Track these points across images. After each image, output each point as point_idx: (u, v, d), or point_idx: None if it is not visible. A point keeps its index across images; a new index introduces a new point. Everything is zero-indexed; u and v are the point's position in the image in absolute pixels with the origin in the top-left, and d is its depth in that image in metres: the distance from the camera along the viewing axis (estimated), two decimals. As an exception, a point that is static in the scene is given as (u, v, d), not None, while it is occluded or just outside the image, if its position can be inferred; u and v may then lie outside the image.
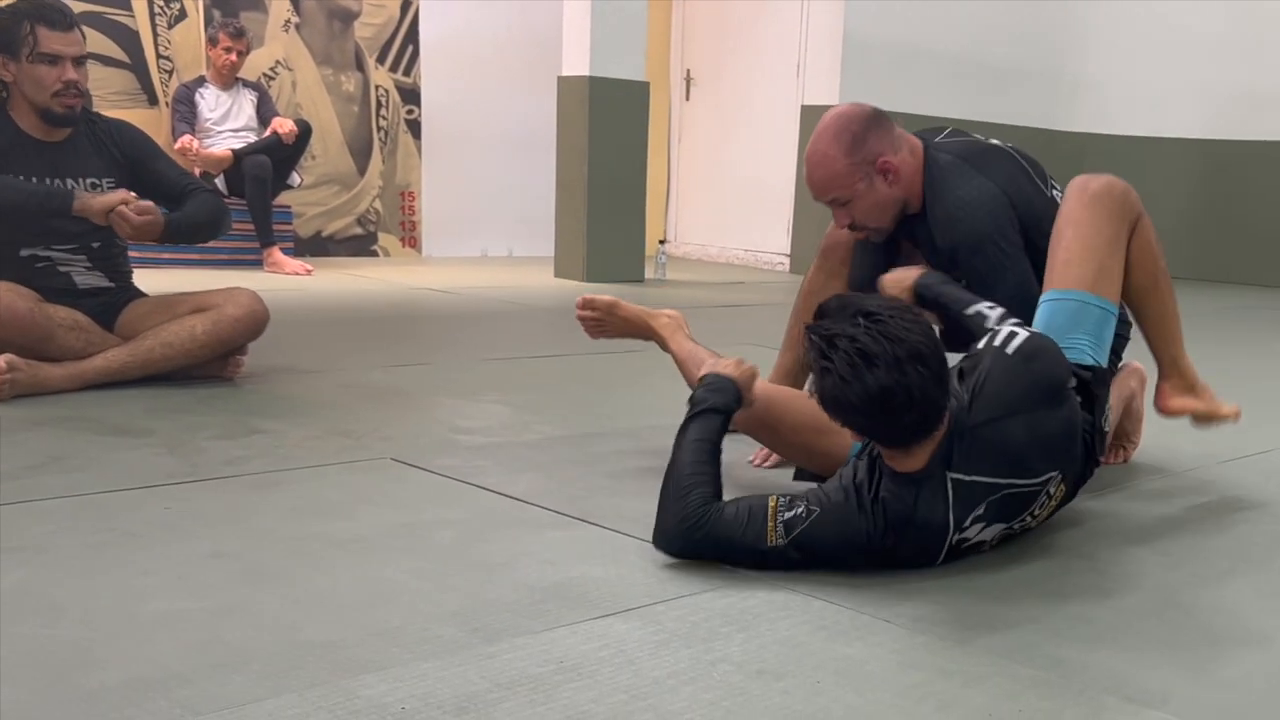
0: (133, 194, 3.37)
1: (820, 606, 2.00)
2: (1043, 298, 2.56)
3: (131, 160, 3.55)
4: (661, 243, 7.85)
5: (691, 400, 2.35)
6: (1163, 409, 2.87)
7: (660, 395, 3.72)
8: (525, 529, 2.35)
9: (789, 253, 8.73)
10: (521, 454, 2.94)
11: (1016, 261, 2.72)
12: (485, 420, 3.34)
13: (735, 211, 9.18)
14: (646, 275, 7.43)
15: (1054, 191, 2.84)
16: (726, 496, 2.20)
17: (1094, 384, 2.46)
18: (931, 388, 2.04)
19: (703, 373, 2.44)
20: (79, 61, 3.41)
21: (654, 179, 8.92)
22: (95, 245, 3.47)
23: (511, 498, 2.55)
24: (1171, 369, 2.85)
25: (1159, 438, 3.27)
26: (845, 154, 2.76)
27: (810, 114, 8.24)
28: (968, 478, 2.14)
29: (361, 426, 3.14)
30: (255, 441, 2.93)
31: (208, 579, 2.00)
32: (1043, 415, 2.23)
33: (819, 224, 7.40)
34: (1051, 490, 2.29)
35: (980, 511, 2.17)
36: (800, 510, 2.12)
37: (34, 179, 3.37)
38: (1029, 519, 2.30)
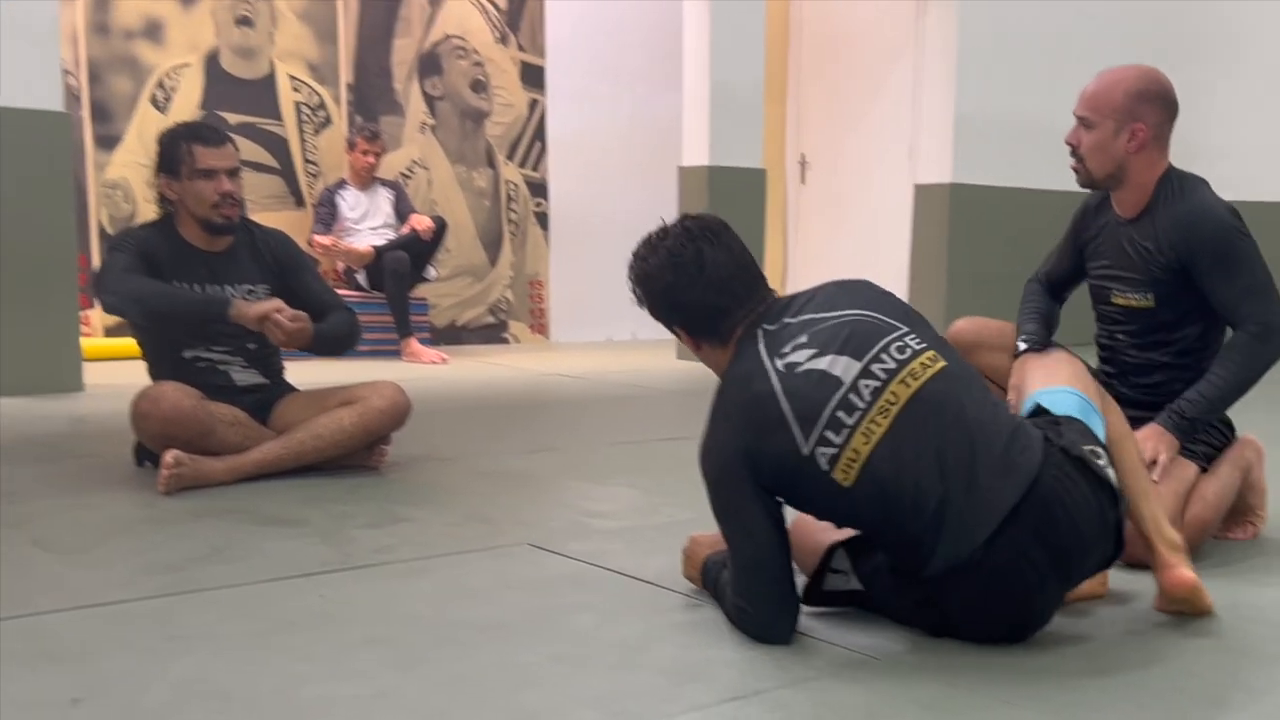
0: (283, 304, 3.50)
1: (942, 691, 1.99)
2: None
3: (283, 269, 3.70)
4: (780, 323, 7.86)
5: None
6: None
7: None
8: (658, 612, 2.38)
9: (904, 330, 8.67)
10: (651, 537, 2.97)
11: (1259, 255, 2.86)
12: (615, 504, 3.38)
13: (851, 291, 9.15)
14: (767, 355, 7.44)
15: None
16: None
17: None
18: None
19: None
20: (233, 173, 3.57)
21: (770, 261, 8.96)
22: (251, 347, 3.61)
23: (644, 581, 2.58)
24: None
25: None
26: (1128, 95, 2.90)
27: (924, 194, 8.24)
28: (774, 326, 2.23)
29: (499, 512, 3.20)
30: (401, 529, 3.01)
31: (360, 665, 2.06)
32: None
33: (935, 302, 7.38)
34: (910, 343, 2.21)
35: (803, 340, 2.19)
36: None
37: (196, 286, 3.53)
38: (889, 360, 2.17)
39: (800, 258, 9.64)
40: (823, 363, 2.16)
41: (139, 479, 3.47)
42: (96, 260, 6.63)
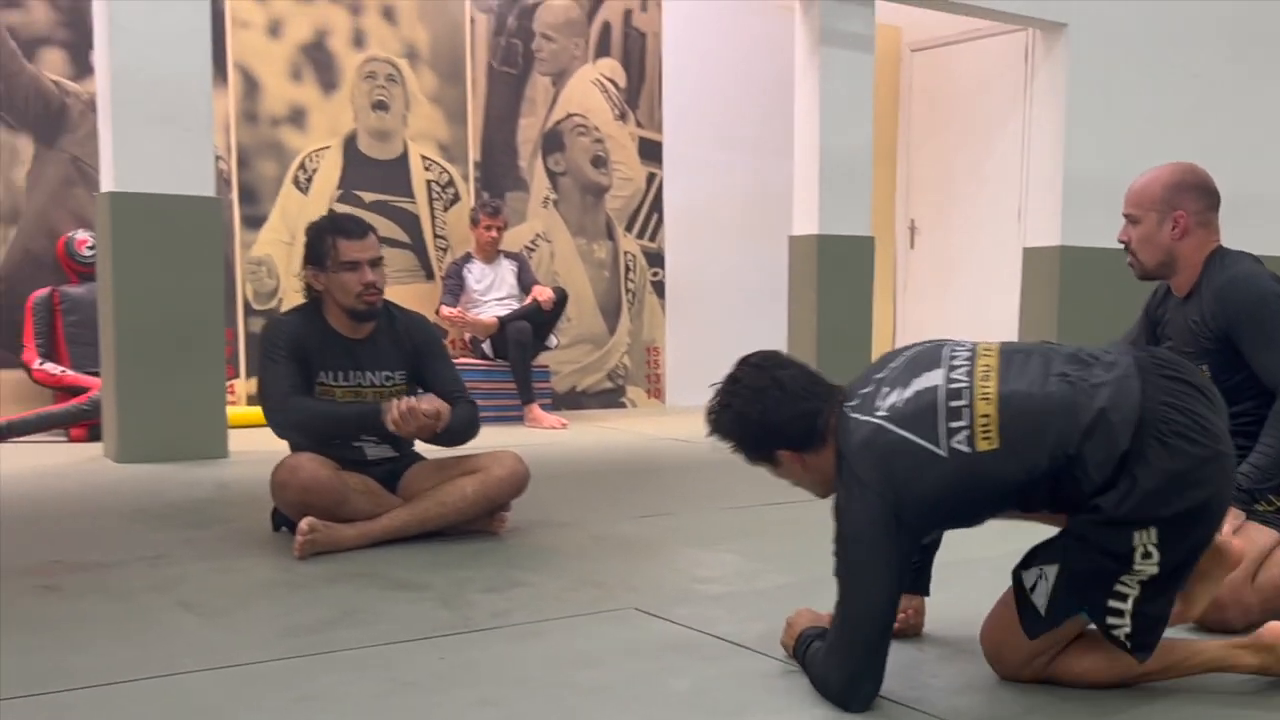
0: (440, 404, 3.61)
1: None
2: None
3: (419, 355, 3.84)
4: (890, 386, 7.88)
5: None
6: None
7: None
8: (754, 677, 2.45)
9: (1015, 390, 8.62)
10: (752, 603, 3.05)
11: None
12: (721, 569, 3.46)
13: (961, 352, 9.13)
14: (876, 418, 7.46)
15: None
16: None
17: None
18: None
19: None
20: (375, 263, 3.71)
21: (880, 324, 8.99)
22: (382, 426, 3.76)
23: (742, 646, 2.66)
24: None
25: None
26: (1166, 188, 3.09)
27: (1033, 256, 8.21)
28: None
29: (610, 577, 3.30)
30: (517, 594, 3.12)
31: (474, 726, 2.17)
32: None
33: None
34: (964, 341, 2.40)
35: (885, 390, 2.35)
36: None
37: (340, 373, 3.70)
38: (960, 352, 2.36)
39: (909, 322, 9.64)
40: (910, 389, 2.30)
41: (277, 543, 3.65)
42: (242, 332, 6.93)
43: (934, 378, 2.29)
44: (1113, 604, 2.25)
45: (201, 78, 5.41)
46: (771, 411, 2.42)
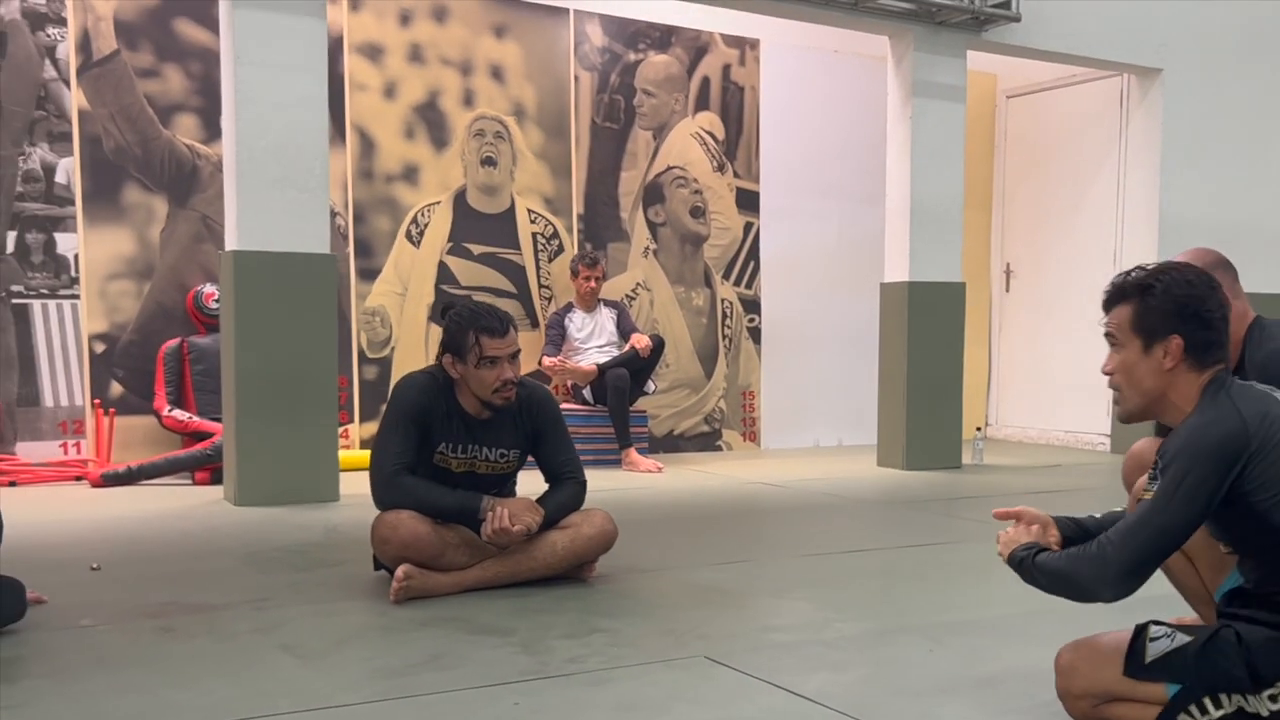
0: (525, 518, 3.70)
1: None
2: None
3: (536, 434, 3.92)
4: (978, 429, 7.85)
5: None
6: None
7: (958, 590, 3.83)
8: (808, 728, 2.52)
9: (1109, 433, 8.52)
10: (818, 652, 3.11)
11: None
12: (792, 618, 3.52)
13: (1055, 394, 9.05)
14: (964, 461, 7.44)
15: None
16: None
17: None
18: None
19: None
20: (514, 357, 3.78)
21: (975, 367, 8.95)
22: (494, 492, 3.88)
23: (802, 697, 2.72)
24: None
25: None
26: None
27: (1126, 301, 8.10)
28: None
29: (684, 625, 3.38)
30: (594, 640, 3.22)
31: (537, 772, 2.27)
32: None
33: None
34: None
35: None
36: None
37: (457, 446, 3.81)
38: None
39: (1004, 364, 9.57)
40: None
41: (375, 586, 3.80)
42: (357, 379, 7.17)
43: None
44: (1206, 702, 2.28)
45: (318, 143, 5.65)
46: (1211, 308, 2.37)
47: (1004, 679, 2.88)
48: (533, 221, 7.80)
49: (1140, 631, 2.37)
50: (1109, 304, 2.45)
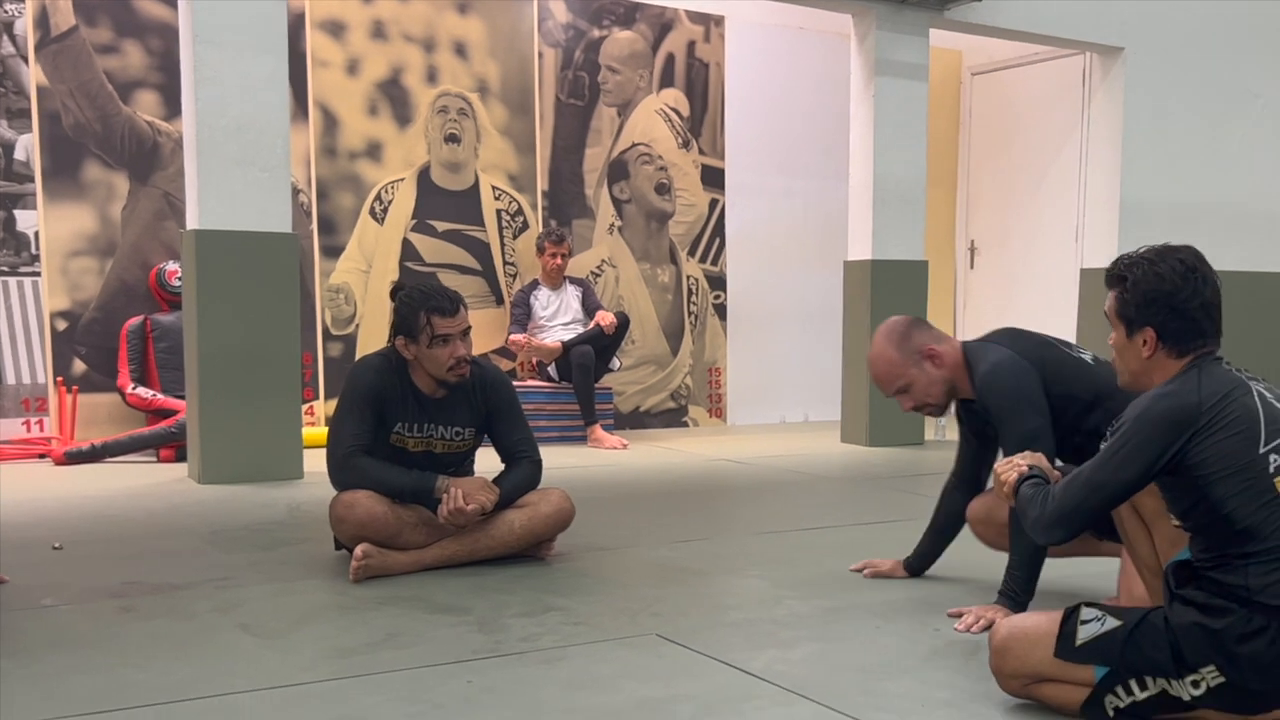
0: (480, 496, 3.77)
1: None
2: None
3: (490, 414, 3.98)
4: (942, 406, 7.96)
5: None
6: None
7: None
8: (753, 704, 2.59)
9: (1072, 408, 8.64)
10: (769, 630, 3.19)
11: (1030, 414, 3.22)
12: (745, 595, 3.60)
13: (1020, 370, 9.14)
14: (928, 437, 7.55)
15: (1081, 354, 3.40)
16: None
17: None
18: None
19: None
20: (465, 334, 3.84)
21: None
22: (450, 471, 3.95)
23: (748, 673, 2.80)
24: None
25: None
26: (897, 349, 3.43)
27: (1089, 277, 8.23)
28: None
29: (638, 603, 3.46)
30: (549, 619, 3.29)
31: (487, 748, 2.34)
32: None
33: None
34: None
35: (1266, 384, 2.45)
36: None
37: (414, 425, 3.87)
38: None
39: (969, 337, 9.66)
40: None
41: (335, 566, 3.86)
42: (321, 356, 7.21)
43: None
44: (1132, 684, 2.38)
45: (280, 121, 5.67)
46: (1181, 297, 2.45)
47: (948, 655, 2.96)
48: (497, 198, 7.83)
49: (1071, 614, 2.47)
50: (1106, 285, 2.61)
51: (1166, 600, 2.45)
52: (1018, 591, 3.17)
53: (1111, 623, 2.42)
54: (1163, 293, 2.45)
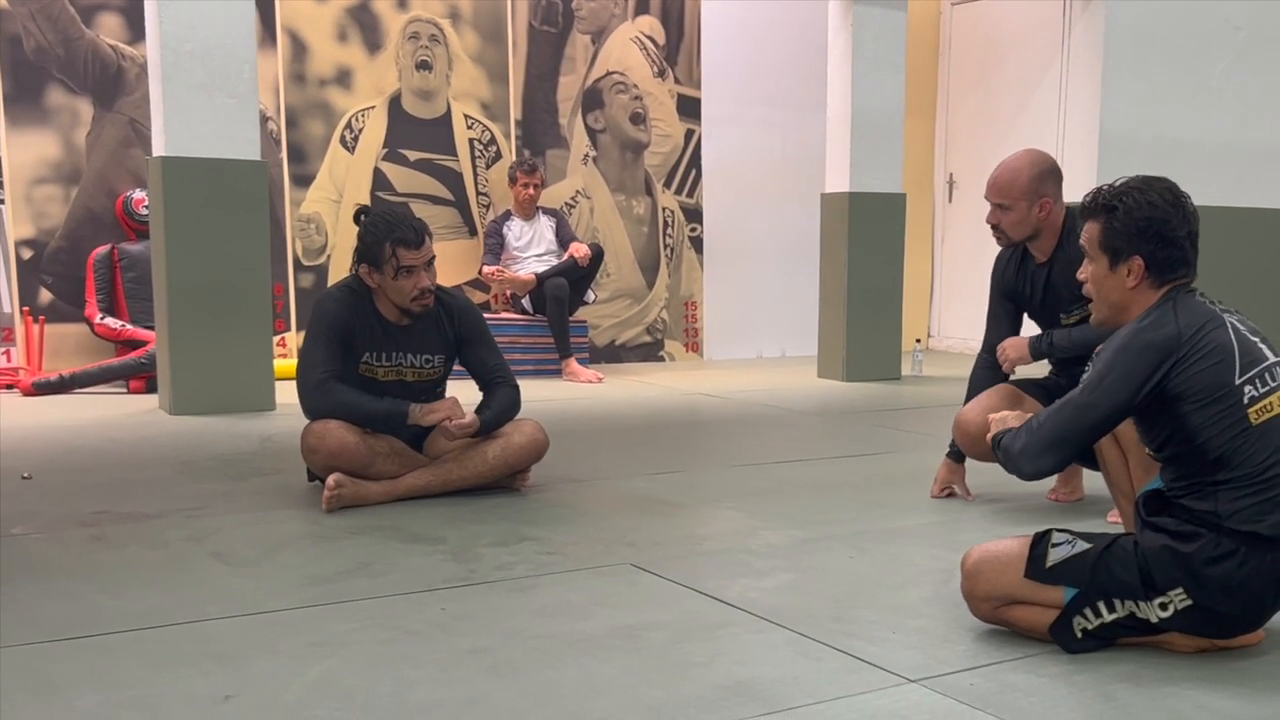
0: (457, 411, 3.81)
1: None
2: None
3: (461, 342, 4.00)
4: (918, 341, 8.01)
5: None
6: None
7: (886, 499, 3.97)
8: (726, 632, 2.64)
9: (1049, 343, 8.70)
10: (743, 560, 3.23)
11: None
12: (720, 526, 3.65)
13: (996, 305, 9.20)
14: (904, 372, 7.60)
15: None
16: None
17: None
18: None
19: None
20: (429, 264, 3.84)
21: (917, 278, 9.09)
22: (422, 398, 3.95)
23: (723, 602, 2.85)
24: None
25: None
26: (1031, 179, 3.72)
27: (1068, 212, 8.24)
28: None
29: (612, 534, 3.50)
30: (523, 548, 3.33)
31: (461, 673, 2.38)
32: None
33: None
34: None
35: (1239, 316, 2.53)
36: None
37: (382, 355, 3.88)
38: None
39: (946, 275, 9.71)
40: (1254, 339, 2.47)
41: (309, 496, 3.88)
42: (293, 287, 7.18)
43: (1269, 353, 2.46)
44: (1101, 606, 2.45)
45: (247, 46, 5.61)
46: (1170, 226, 2.49)
47: (918, 583, 3.02)
48: (469, 127, 7.78)
49: (1042, 537, 2.53)
50: (1082, 217, 2.61)
51: (1138, 527, 2.51)
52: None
53: (1082, 545, 2.49)
54: (1156, 219, 2.49)
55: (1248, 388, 2.39)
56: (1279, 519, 2.36)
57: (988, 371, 4.02)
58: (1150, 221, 2.49)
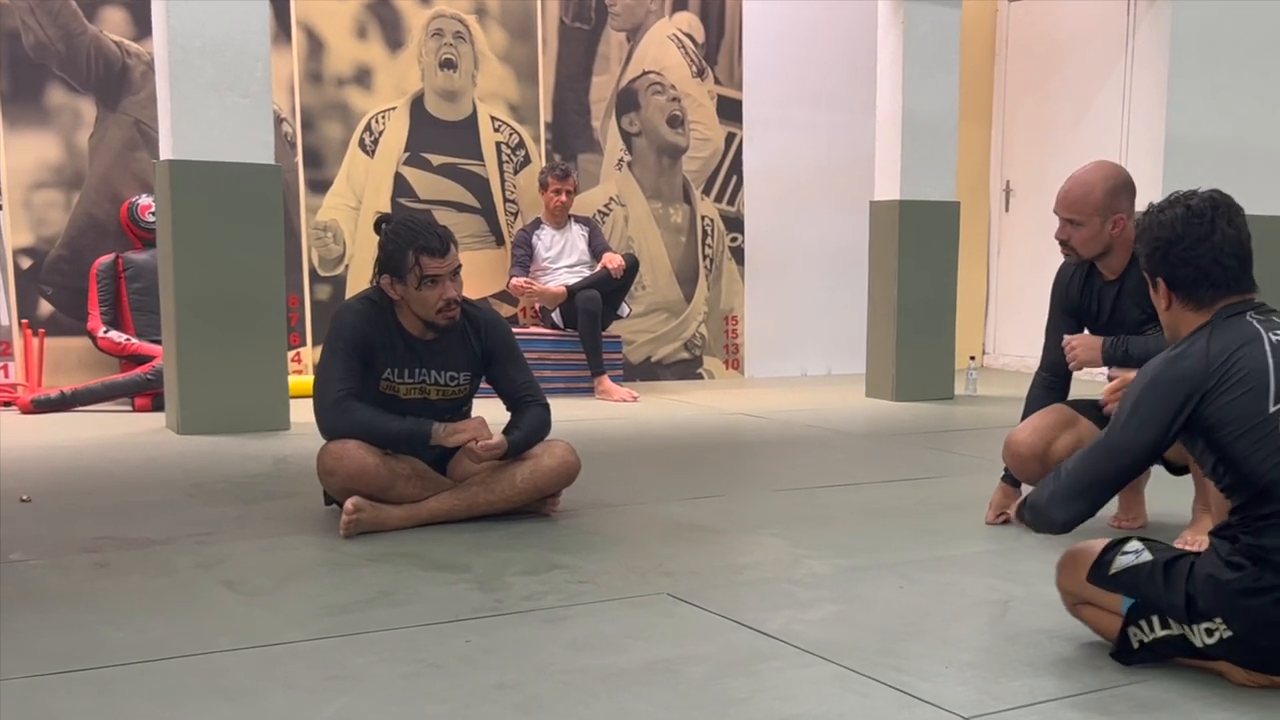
0: (484, 432, 3.81)
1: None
2: None
3: (488, 358, 4.01)
4: (972, 358, 7.99)
5: None
6: None
7: (937, 527, 3.96)
8: (769, 666, 2.63)
9: (1113, 363, 8.65)
10: (786, 590, 3.22)
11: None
12: (760, 555, 3.65)
13: (1057, 321, 9.15)
14: (957, 391, 7.57)
15: None
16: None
17: None
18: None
19: None
20: (455, 273, 3.85)
21: (972, 291, 9.06)
22: (446, 420, 3.95)
23: (765, 634, 2.84)
24: None
25: None
26: (1105, 194, 3.74)
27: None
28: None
29: (648, 562, 3.50)
30: (553, 577, 3.33)
31: (487, 709, 2.38)
32: None
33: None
34: None
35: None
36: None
37: (405, 371, 3.89)
38: None
39: (1002, 289, 9.67)
40: None
41: (325, 521, 3.90)
42: (308, 299, 7.23)
43: None
44: (1155, 621, 2.53)
45: (260, 43, 5.66)
46: (1183, 246, 2.55)
47: (972, 615, 3.01)
48: (496, 130, 7.82)
49: (1117, 543, 2.64)
50: None
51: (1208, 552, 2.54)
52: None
53: (1146, 557, 2.57)
54: (1163, 241, 2.57)
55: None
56: None
57: (1045, 391, 4.03)
58: (1159, 243, 2.58)
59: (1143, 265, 2.65)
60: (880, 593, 3.21)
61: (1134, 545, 2.61)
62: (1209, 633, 2.44)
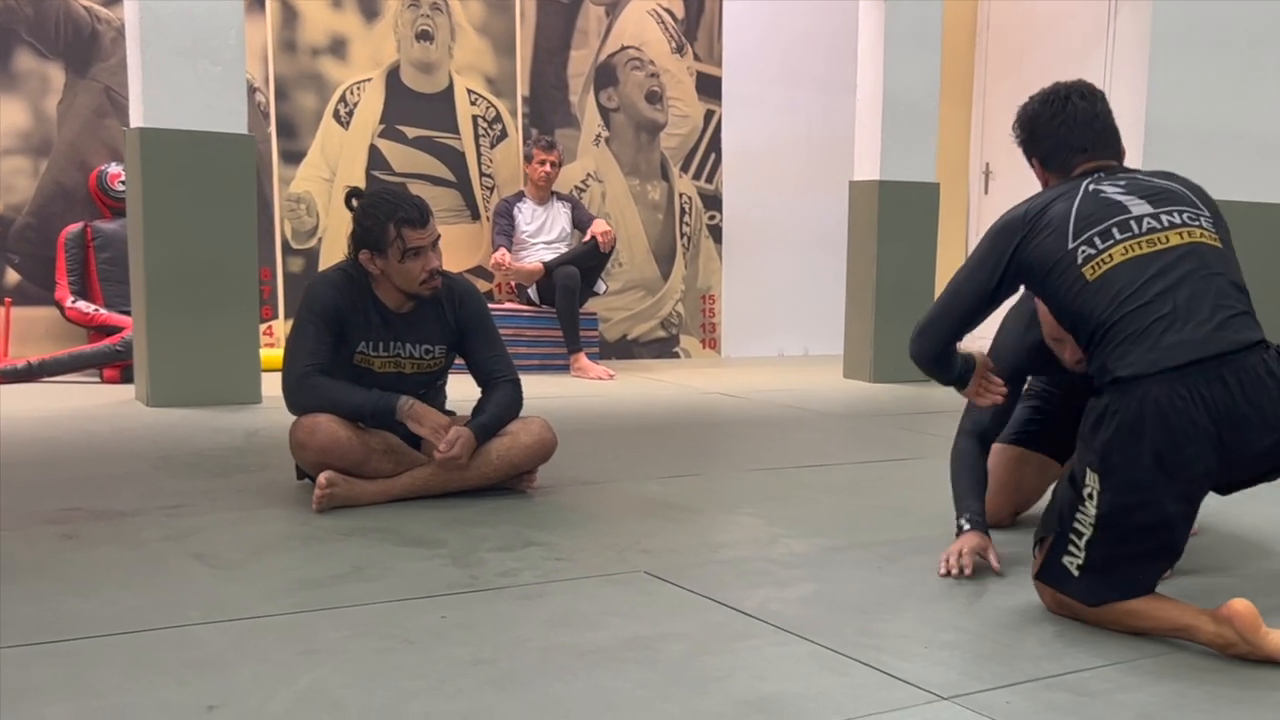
0: (452, 431, 3.78)
1: None
2: None
3: (462, 331, 3.98)
4: (953, 341, 8.00)
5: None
6: None
7: (911, 505, 3.96)
8: (747, 644, 2.63)
9: (1092, 346, 8.68)
10: (763, 569, 3.22)
11: None
12: (737, 534, 3.64)
13: (1035, 304, 9.18)
14: (936, 374, 7.57)
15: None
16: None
17: None
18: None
19: None
20: (435, 244, 3.83)
21: (950, 273, 9.03)
22: (421, 394, 3.95)
23: (743, 613, 2.83)
24: None
25: None
26: None
27: (1113, 205, 8.21)
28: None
29: (625, 540, 3.49)
30: (529, 554, 3.31)
31: (462, 685, 2.36)
32: None
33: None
34: (1202, 221, 2.81)
35: (1121, 183, 2.85)
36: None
37: (379, 344, 3.87)
38: (1176, 218, 2.78)
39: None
40: (1123, 198, 2.79)
41: (298, 494, 3.88)
42: (281, 272, 7.18)
43: (1139, 208, 2.77)
44: (1071, 536, 2.69)
45: (233, 10, 5.61)
46: (1042, 121, 3.01)
47: (950, 595, 3.01)
48: (473, 103, 7.78)
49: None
50: None
51: None
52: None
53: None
54: (1027, 119, 3.04)
55: (1083, 248, 2.72)
56: (1132, 359, 2.61)
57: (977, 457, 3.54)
58: (1024, 123, 3.05)
59: (1024, 154, 3.07)
60: (859, 572, 3.21)
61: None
62: (1089, 497, 2.62)
